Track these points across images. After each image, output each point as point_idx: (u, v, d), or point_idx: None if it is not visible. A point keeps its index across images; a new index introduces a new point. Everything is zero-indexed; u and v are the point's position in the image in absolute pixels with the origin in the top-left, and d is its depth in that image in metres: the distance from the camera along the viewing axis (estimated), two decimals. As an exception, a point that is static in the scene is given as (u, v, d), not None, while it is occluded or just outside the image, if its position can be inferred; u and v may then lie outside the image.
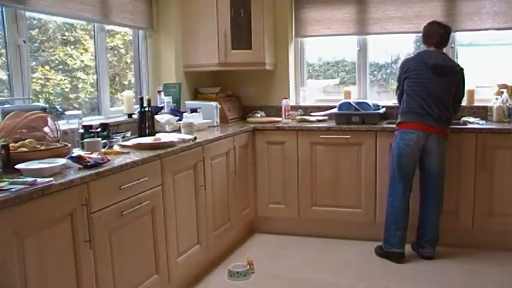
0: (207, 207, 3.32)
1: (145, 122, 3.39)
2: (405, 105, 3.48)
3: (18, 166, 2.08)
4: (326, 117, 4.26)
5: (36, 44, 3.15)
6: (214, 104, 4.08)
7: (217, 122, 4.08)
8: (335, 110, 4.09)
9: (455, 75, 3.49)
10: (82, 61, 3.51)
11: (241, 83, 4.73)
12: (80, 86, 3.52)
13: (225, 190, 3.60)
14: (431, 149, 3.42)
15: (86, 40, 3.54)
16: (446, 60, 3.50)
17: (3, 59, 2.78)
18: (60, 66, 3.34)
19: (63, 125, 2.75)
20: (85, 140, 2.59)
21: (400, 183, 3.45)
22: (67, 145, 2.45)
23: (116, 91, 3.89)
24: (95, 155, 2.36)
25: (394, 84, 4.36)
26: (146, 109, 3.40)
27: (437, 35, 3.50)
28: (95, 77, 3.54)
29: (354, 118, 3.94)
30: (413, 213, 3.54)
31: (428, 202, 3.52)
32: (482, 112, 4.07)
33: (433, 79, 3.40)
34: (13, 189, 1.80)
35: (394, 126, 3.59)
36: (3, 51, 2.76)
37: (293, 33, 4.61)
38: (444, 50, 4.36)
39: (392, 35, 4.38)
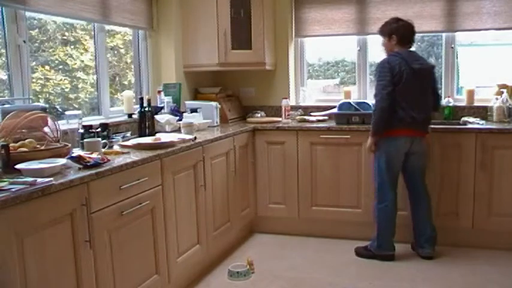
0: (207, 207, 3.32)
1: (145, 122, 3.39)
2: (394, 113, 3.32)
3: (18, 166, 2.08)
4: (326, 117, 4.26)
5: (36, 44, 3.15)
6: (214, 104, 4.08)
7: (217, 122, 4.08)
8: (335, 110, 4.09)
9: (432, 75, 3.49)
10: (82, 61, 3.51)
11: (241, 83, 4.73)
12: (80, 86, 3.52)
13: (225, 190, 3.60)
14: (415, 150, 3.43)
15: (86, 40, 3.54)
16: (425, 61, 3.48)
17: (3, 59, 2.78)
18: (60, 66, 3.35)
19: (63, 125, 2.75)
20: (85, 140, 2.59)
21: (390, 188, 3.44)
22: (67, 145, 2.45)
23: (116, 91, 3.89)
24: (95, 155, 2.36)
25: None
26: (146, 109, 3.40)
27: (410, 33, 3.44)
28: (95, 77, 3.54)
29: (354, 118, 3.94)
30: (407, 216, 3.56)
31: (418, 202, 3.53)
32: (482, 112, 4.07)
33: (418, 84, 3.34)
34: (13, 189, 1.80)
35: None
36: (3, 51, 2.76)
37: (293, 33, 4.61)
38: (444, 50, 4.39)
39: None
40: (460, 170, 3.66)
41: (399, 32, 3.43)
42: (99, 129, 2.91)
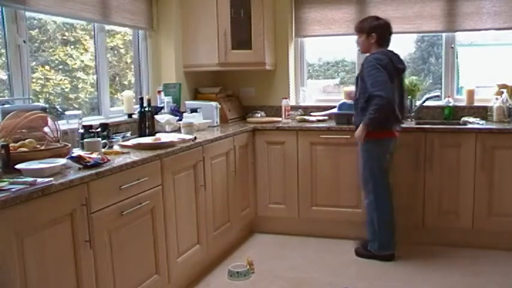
0: (207, 207, 3.32)
1: (145, 122, 3.39)
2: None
3: (18, 166, 2.08)
4: (326, 117, 4.26)
5: (36, 44, 3.15)
6: (214, 104, 4.08)
7: (217, 122, 4.08)
8: (335, 110, 4.09)
9: (404, 75, 3.53)
10: (82, 61, 3.51)
11: (241, 83, 4.73)
12: (80, 86, 3.52)
13: (225, 190, 3.60)
14: (393, 150, 3.51)
15: (86, 40, 3.54)
16: (403, 62, 3.48)
17: (3, 59, 2.78)
18: (60, 66, 3.35)
19: (63, 125, 2.75)
20: (85, 140, 2.59)
21: (385, 189, 3.46)
22: (67, 145, 2.45)
23: (116, 91, 3.89)
24: (95, 155, 2.36)
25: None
26: (146, 109, 3.40)
27: (389, 33, 3.44)
28: (95, 77, 3.54)
29: (354, 118, 3.93)
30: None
31: (391, 201, 3.53)
32: (482, 112, 4.07)
33: (399, 85, 3.39)
34: (13, 189, 1.80)
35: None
36: (3, 51, 2.76)
37: (293, 33, 4.60)
38: (444, 49, 4.39)
39: (392, 35, 4.37)
40: (460, 170, 3.66)
41: (378, 31, 3.38)
42: (99, 129, 2.91)
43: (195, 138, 3.20)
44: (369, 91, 3.25)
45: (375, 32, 3.37)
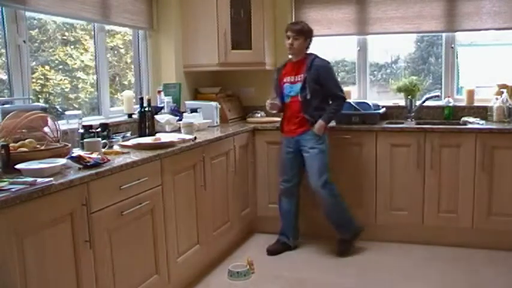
0: (207, 207, 3.32)
1: (145, 122, 3.39)
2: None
3: (18, 166, 2.08)
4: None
5: (36, 44, 3.15)
6: (214, 104, 4.08)
7: (217, 122, 4.08)
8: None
9: None
10: (82, 61, 3.51)
11: (241, 83, 4.73)
12: (80, 86, 3.52)
13: (225, 190, 3.60)
14: None
15: (86, 40, 3.54)
16: None
17: (3, 59, 2.78)
18: (60, 66, 3.35)
19: (63, 125, 2.75)
20: (85, 140, 2.59)
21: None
22: (67, 145, 2.45)
23: (116, 91, 3.89)
24: (95, 155, 2.36)
25: (394, 84, 4.37)
26: (146, 109, 3.40)
27: None
28: (95, 77, 3.54)
29: (354, 118, 3.94)
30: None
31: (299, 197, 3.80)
32: (482, 112, 4.07)
33: None
34: (13, 189, 1.80)
35: (389, 125, 3.58)
36: (3, 51, 2.76)
37: (293, 33, 4.60)
38: (444, 49, 4.38)
39: (392, 35, 4.38)
40: (460, 170, 3.66)
41: (312, 37, 3.64)
42: (99, 129, 2.91)
43: (195, 138, 3.20)
44: (333, 92, 3.55)
45: (311, 37, 3.62)
